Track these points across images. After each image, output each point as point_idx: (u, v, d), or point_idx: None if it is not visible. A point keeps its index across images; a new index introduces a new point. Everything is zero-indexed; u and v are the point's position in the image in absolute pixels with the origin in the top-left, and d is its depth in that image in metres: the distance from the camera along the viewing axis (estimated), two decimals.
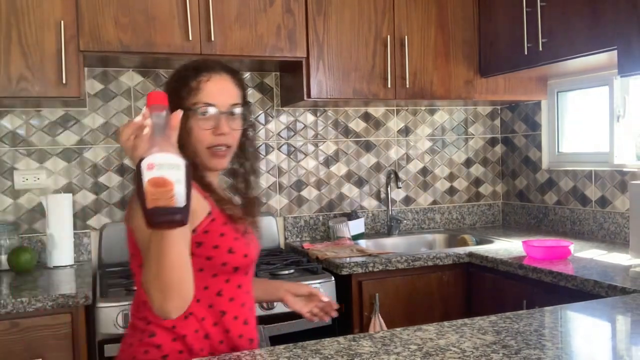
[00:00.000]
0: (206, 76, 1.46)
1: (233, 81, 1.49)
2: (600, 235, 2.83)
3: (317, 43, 2.67)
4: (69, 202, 2.53)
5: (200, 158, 1.45)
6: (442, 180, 3.39)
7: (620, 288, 1.87)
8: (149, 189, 1.00)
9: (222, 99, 1.45)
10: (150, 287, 1.16)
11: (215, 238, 1.40)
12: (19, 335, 1.95)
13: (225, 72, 1.49)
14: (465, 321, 1.47)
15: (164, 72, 2.82)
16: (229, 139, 1.45)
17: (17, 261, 2.34)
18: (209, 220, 1.40)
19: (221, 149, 1.45)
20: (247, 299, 1.47)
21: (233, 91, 1.48)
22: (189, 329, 1.38)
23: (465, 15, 2.96)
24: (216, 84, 1.46)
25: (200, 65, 1.48)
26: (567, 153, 3.15)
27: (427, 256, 2.53)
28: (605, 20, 2.28)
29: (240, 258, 1.42)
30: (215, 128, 1.44)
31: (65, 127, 2.69)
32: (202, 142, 1.44)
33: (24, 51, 2.24)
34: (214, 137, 1.44)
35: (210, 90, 1.45)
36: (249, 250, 1.45)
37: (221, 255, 1.40)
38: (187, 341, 1.37)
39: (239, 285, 1.45)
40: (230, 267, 1.41)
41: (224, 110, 1.44)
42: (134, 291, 1.48)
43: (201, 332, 1.39)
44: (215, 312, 1.41)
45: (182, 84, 1.47)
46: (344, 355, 1.24)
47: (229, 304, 1.42)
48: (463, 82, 2.95)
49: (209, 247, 1.39)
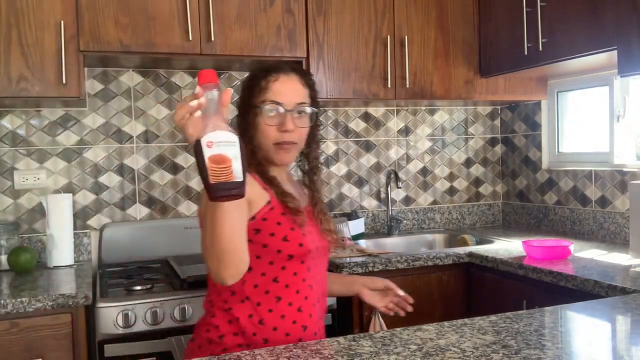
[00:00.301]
0: (274, 76, 1.56)
1: (301, 81, 1.58)
2: (600, 235, 2.83)
3: (317, 43, 2.67)
4: (69, 202, 2.53)
5: (266, 153, 1.56)
6: (442, 180, 3.39)
7: (620, 288, 1.87)
8: (211, 165, 1.09)
9: (289, 97, 1.55)
10: (207, 255, 1.28)
11: (272, 226, 1.49)
12: (19, 335, 1.95)
13: (294, 73, 1.59)
14: (465, 321, 1.47)
15: (164, 72, 2.82)
16: (294, 136, 1.55)
17: (17, 261, 2.34)
18: (268, 209, 1.50)
19: (286, 145, 1.55)
20: (304, 288, 1.53)
21: (300, 91, 1.57)
22: (244, 312, 1.48)
23: (465, 15, 2.96)
24: (283, 83, 1.56)
25: (271, 66, 1.59)
26: (567, 153, 3.15)
27: (427, 256, 2.53)
28: (605, 20, 2.28)
29: (294, 247, 1.50)
30: (280, 125, 1.54)
31: (65, 127, 2.69)
32: (268, 137, 1.55)
33: (24, 51, 2.24)
34: (279, 134, 1.54)
35: (277, 90, 1.55)
36: (304, 241, 1.51)
37: (276, 243, 1.49)
38: (241, 324, 1.48)
39: (295, 273, 1.51)
40: (284, 255, 1.49)
41: (289, 108, 1.54)
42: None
43: (255, 318, 1.48)
44: (271, 298, 1.49)
45: (254, 83, 1.58)
46: (344, 355, 1.24)
47: (284, 290, 1.50)
48: (463, 82, 2.95)
49: (265, 235, 1.49)
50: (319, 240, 1.60)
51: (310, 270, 1.55)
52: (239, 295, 1.50)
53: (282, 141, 1.54)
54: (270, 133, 1.54)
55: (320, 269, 1.62)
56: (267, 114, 1.54)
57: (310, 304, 1.55)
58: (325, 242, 1.63)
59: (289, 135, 1.54)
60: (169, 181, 2.84)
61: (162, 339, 2.04)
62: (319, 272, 1.60)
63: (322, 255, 1.62)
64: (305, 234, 1.53)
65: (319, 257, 1.60)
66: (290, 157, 1.60)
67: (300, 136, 1.58)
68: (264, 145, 1.56)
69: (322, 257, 1.62)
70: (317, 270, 1.59)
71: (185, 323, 2.07)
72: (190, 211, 2.87)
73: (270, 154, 1.57)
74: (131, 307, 2.04)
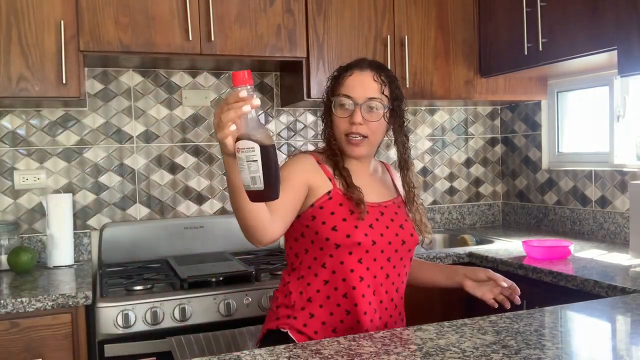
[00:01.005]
0: (350, 71, 1.65)
1: (375, 77, 1.64)
2: (600, 235, 2.83)
3: (317, 43, 2.67)
4: (69, 202, 2.53)
5: (339, 144, 1.67)
6: (442, 180, 3.39)
7: (620, 288, 1.87)
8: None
9: (359, 92, 1.63)
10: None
11: (326, 215, 1.59)
12: (19, 335, 1.95)
13: (370, 69, 1.65)
14: (465, 321, 1.47)
15: (164, 72, 2.82)
16: (363, 129, 1.62)
17: (17, 261, 2.34)
18: (327, 198, 1.60)
19: (356, 137, 1.63)
20: (351, 278, 1.58)
21: (372, 86, 1.63)
22: (297, 288, 1.62)
23: (465, 15, 2.96)
24: (355, 78, 1.64)
25: (351, 63, 1.69)
26: (567, 153, 3.15)
27: (427, 256, 2.53)
28: (605, 20, 2.28)
29: (342, 237, 1.57)
30: (349, 117, 1.62)
31: (65, 127, 2.69)
32: (339, 129, 1.65)
33: (24, 51, 2.24)
34: (349, 126, 1.63)
35: (349, 84, 1.64)
36: (354, 233, 1.57)
37: (326, 231, 1.58)
38: (292, 298, 1.62)
39: (342, 262, 1.58)
40: (332, 243, 1.57)
41: (360, 102, 1.62)
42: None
43: (305, 295, 1.61)
44: (320, 281, 1.60)
45: (333, 77, 1.70)
46: (344, 355, 1.24)
47: (332, 275, 1.59)
48: (463, 82, 2.95)
49: (318, 222, 1.59)
50: (391, 235, 1.63)
51: (362, 262, 1.59)
52: (297, 272, 1.64)
53: (350, 132, 1.62)
54: (340, 125, 1.64)
55: (383, 263, 1.63)
56: (338, 106, 1.64)
57: (359, 294, 1.58)
58: (400, 238, 1.65)
59: (358, 127, 1.61)
60: (169, 181, 2.84)
61: (162, 339, 2.04)
62: (379, 265, 1.62)
63: (391, 251, 1.63)
64: (358, 226, 1.57)
65: (381, 251, 1.61)
66: (361, 151, 1.65)
67: (372, 130, 1.63)
68: (337, 137, 1.66)
69: (390, 252, 1.63)
70: (375, 264, 1.61)
71: (185, 323, 2.08)
72: (190, 211, 2.87)
73: (342, 145, 1.66)
74: (131, 307, 2.04)
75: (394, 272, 1.66)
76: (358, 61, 1.69)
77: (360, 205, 1.59)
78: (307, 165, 1.65)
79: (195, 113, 2.87)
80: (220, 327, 2.09)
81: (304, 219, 1.62)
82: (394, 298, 1.67)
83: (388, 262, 1.64)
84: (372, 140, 1.66)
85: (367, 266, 1.60)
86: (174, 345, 1.99)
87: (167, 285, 2.21)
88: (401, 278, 1.70)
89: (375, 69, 1.65)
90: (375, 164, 1.81)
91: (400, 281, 1.69)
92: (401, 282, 1.70)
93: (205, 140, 2.89)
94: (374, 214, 1.64)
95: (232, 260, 2.50)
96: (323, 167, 1.65)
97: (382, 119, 1.65)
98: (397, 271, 1.67)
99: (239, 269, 2.32)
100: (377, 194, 1.70)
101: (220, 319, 2.13)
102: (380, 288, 1.63)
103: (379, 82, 1.64)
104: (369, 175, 1.73)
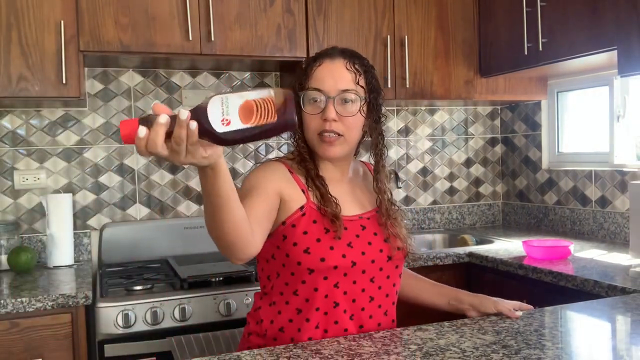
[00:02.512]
0: (319, 62, 1.44)
1: (347, 66, 1.43)
2: (600, 235, 2.83)
3: (317, 43, 2.67)
4: (69, 202, 2.53)
5: (312, 145, 1.44)
6: (442, 180, 3.39)
7: (620, 288, 1.87)
8: (255, 116, 0.97)
9: (331, 83, 1.41)
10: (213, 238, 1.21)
11: (298, 235, 1.38)
12: (19, 335, 1.95)
13: (341, 57, 1.44)
14: (465, 321, 1.47)
15: (164, 72, 2.82)
16: (338, 125, 1.40)
17: (17, 261, 2.34)
18: (299, 214, 1.39)
19: (329, 135, 1.40)
20: (325, 305, 1.39)
21: (345, 76, 1.42)
22: (268, 316, 1.43)
23: (465, 15, 2.96)
24: (325, 68, 1.43)
25: (321, 52, 1.48)
26: (567, 153, 3.15)
27: (427, 256, 2.53)
28: (605, 20, 2.28)
29: (315, 261, 1.36)
30: (321, 113, 1.40)
31: (65, 127, 2.69)
32: (310, 128, 1.42)
33: (24, 51, 2.24)
34: (321, 123, 1.40)
35: (318, 76, 1.42)
36: (328, 255, 1.37)
37: (297, 254, 1.37)
38: (264, 326, 1.43)
39: (315, 288, 1.38)
40: (304, 268, 1.37)
41: (332, 95, 1.40)
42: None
43: (276, 324, 1.42)
44: (292, 309, 1.40)
45: (302, 71, 1.47)
46: (344, 355, 1.24)
47: (304, 304, 1.39)
48: (463, 82, 2.95)
49: (289, 244, 1.38)
50: (374, 253, 1.42)
51: (339, 286, 1.39)
52: (268, 297, 1.45)
53: (323, 130, 1.40)
54: (311, 123, 1.41)
55: (365, 284, 1.42)
56: (307, 102, 1.41)
57: (331, 321, 1.40)
58: (386, 254, 1.44)
59: (332, 124, 1.39)
60: (169, 181, 2.84)
61: (162, 339, 2.04)
62: (360, 287, 1.42)
63: (374, 270, 1.43)
64: (334, 247, 1.37)
65: (362, 271, 1.42)
66: (336, 151, 1.42)
67: (348, 127, 1.41)
68: (308, 138, 1.43)
69: (373, 271, 1.43)
70: (354, 287, 1.41)
71: (185, 323, 2.08)
72: (190, 211, 2.87)
73: (314, 146, 1.43)
74: (131, 307, 2.04)
75: (379, 293, 1.45)
76: (328, 49, 1.48)
77: (335, 223, 1.38)
78: (279, 173, 1.43)
79: None
80: (220, 327, 2.09)
81: (275, 238, 1.40)
82: (382, 323, 1.46)
83: (371, 282, 1.43)
84: (348, 138, 1.43)
85: (344, 290, 1.40)
86: (174, 345, 1.99)
87: (167, 285, 2.21)
88: (390, 299, 1.49)
89: (348, 57, 1.45)
90: (355, 167, 1.59)
91: (390, 302, 1.49)
92: (391, 303, 1.49)
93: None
94: (354, 230, 1.42)
95: None
96: (295, 177, 1.44)
97: (359, 114, 1.42)
98: (385, 291, 1.46)
99: (239, 269, 2.32)
100: (357, 204, 1.49)
101: (220, 319, 2.12)
102: (362, 313, 1.43)
103: (352, 71, 1.42)
104: (348, 182, 1.52)
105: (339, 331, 1.40)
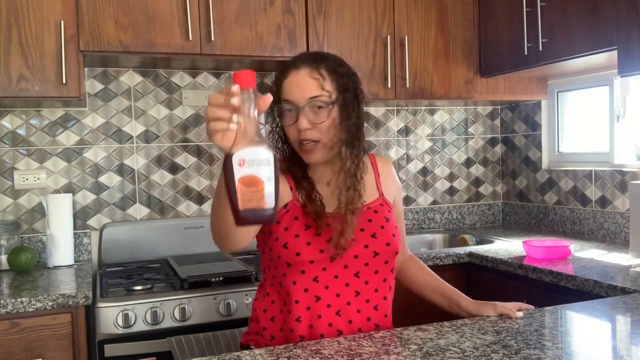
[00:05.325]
0: (285, 73, 1.48)
1: (312, 73, 1.45)
2: (600, 235, 2.83)
3: (317, 43, 2.67)
4: (69, 202, 2.53)
5: (297, 151, 1.50)
6: (442, 180, 3.39)
7: (620, 288, 1.87)
8: (241, 188, 0.96)
9: (297, 93, 1.45)
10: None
11: (280, 231, 1.46)
12: (19, 335, 1.95)
13: (305, 65, 1.46)
14: (465, 321, 1.47)
15: (164, 72, 2.82)
16: (312, 133, 1.44)
17: (17, 261, 2.34)
18: (284, 212, 1.48)
19: (308, 143, 1.45)
20: (306, 298, 1.45)
21: (310, 84, 1.44)
22: (261, 306, 1.54)
23: (465, 15, 2.96)
24: (291, 80, 1.46)
25: (288, 62, 1.51)
26: (567, 153, 3.15)
27: (427, 256, 2.53)
28: (605, 20, 2.28)
29: (291, 255, 1.44)
30: (296, 124, 1.45)
31: (65, 127, 2.69)
32: (291, 137, 1.48)
33: (24, 51, 2.24)
34: (298, 133, 1.45)
35: (286, 88, 1.47)
36: (304, 250, 1.43)
37: (277, 249, 1.46)
38: (258, 315, 1.53)
39: (294, 282, 1.46)
40: (283, 262, 1.46)
41: (301, 105, 1.44)
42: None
43: (269, 313, 1.52)
44: (280, 300, 1.50)
45: (274, 83, 1.51)
46: (344, 355, 1.24)
47: (286, 296, 1.48)
48: (463, 82, 2.95)
49: (272, 239, 1.47)
50: (358, 248, 1.47)
51: (319, 280, 1.45)
52: (264, 288, 1.56)
53: (301, 139, 1.45)
54: (291, 133, 1.47)
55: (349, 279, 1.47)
56: (282, 115, 1.47)
57: (314, 315, 1.45)
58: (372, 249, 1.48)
59: (306, 133, 1.44)
60: (169, 181, 2.84)
61: (162, 339, 2.04)
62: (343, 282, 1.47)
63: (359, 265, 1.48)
64: (311, 242, 1.43)
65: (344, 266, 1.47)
66: (316, 157, 1.47)
67: (322, 132, 1.44)
68: (292, 145, 1.50)
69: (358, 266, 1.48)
70: (337, 282, 1.46)
71: (185, 323, 2.08)
72: (190, 211, 2.87)
73: (299, 153, 1.50)
74: (131, 307, 2.04)
75: (366, 288, 1.49)
76: (294, 59, 1.50)
77: (317, 218, 1.44)
78: None
79: (195, 113, 2.87)
80: (220, 327, 2.09)
81: (264, 233, 1.50)
82: (372, 317, 1.49)
83: (356, 277, 1.48)
84: (326, 142, 1.45)
85: (325, 284, 1.45)
86: (174, 345, 1.99)
87: (167, 285, 2.21)
88: (380, 294, 1.51)
89: (312, 63, 1.46)
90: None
91: (380, 297, 1.51)
92: (381, 298, 1.51)
93: (205, 140, 2.88)
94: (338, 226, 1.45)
95: (232, 260, 2.50)
96: (287, 176, 1.51)
97: (332, 116, 1.45)
98: (373, 287, 1.50)
99: (238, 269, 2.32)
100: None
101: (220, 319, 2.12)
102: (348, 307, 1.46)
103: (316, 78, 1.44)
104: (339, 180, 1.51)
105: (324, 326, 1.45)
